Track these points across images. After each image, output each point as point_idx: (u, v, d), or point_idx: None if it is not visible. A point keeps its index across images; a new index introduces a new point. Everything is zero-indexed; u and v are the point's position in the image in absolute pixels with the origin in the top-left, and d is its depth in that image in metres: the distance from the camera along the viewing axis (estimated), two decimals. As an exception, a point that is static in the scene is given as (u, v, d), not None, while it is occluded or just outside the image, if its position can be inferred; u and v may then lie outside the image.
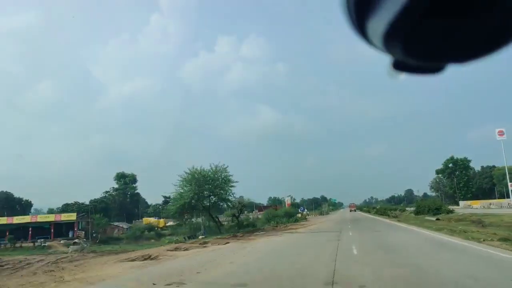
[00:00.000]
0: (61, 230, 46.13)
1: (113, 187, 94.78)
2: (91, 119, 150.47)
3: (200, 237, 31.57)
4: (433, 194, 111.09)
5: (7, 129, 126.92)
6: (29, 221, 47.68)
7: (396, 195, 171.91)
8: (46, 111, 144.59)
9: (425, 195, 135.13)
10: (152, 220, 67.50)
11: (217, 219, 40.87)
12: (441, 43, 0.86)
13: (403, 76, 1.02)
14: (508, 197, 63.20)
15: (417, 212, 45.15)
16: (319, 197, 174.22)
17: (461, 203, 75.07)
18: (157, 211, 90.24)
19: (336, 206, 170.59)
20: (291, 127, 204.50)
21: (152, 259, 16.03)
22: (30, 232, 44.41)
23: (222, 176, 37.51)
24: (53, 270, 14.79)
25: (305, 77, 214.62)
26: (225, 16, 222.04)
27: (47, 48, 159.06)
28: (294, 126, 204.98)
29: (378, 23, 0.83)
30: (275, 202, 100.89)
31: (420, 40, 0.87)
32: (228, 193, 38.43)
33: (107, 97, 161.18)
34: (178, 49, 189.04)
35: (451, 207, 47.97)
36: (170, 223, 57.10)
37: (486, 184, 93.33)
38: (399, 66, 0.99)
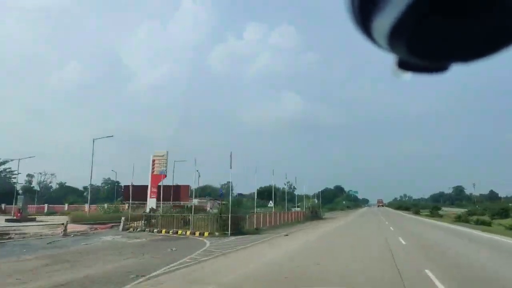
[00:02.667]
0: None
1: None
2: (116, 102, 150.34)
3: None
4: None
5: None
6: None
7: (445, 193, 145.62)
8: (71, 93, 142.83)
9: (492, 192, 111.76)
10: None
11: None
12: (445, 42, 0.87)
13: (408, 76, 1.03)
14: None
15: None
16: (332, 187, 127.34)
17: None
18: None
19: (357, 202, 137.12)
20: (319, 119, 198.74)
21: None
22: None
23: None
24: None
25: (336, 68, 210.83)
26: (257, 4, 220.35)
27: (77, 30, 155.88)
28: (322, 119, 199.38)
29: (383, 23, 0.84)
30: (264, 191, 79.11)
31: (424, 40, 0.87)
32: None
33: (134, 82, 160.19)
34: (207, 36, 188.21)
35: None
36: None
37: None
38: (403, 65, 1.00)
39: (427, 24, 0.81)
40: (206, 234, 21.49)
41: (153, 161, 36.18)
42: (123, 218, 26.36)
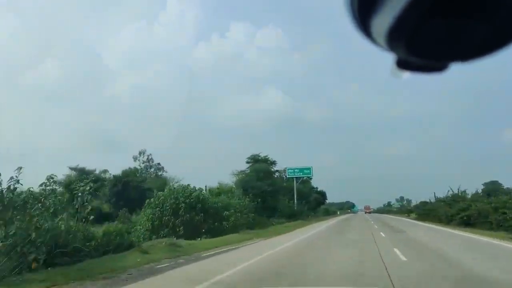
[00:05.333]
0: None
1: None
2: (95, 104, 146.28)
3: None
4: None
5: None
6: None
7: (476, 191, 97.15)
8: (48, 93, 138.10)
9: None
10: None
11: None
12: (444, 41, 0.87)
13: (406, 75, 1.03)
14: None
15: None
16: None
17: None
18: None
19: (328, 207, 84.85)
20: (304, 122, 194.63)
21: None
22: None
23: None
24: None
25: (323, 71, 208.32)
26: (243, 5, 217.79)
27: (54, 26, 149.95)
28: (307, 121, 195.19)
29: (382, 22, 0.84)
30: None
31: (423, 39, 0.88)
32: None
33: (114, 83, 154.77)
34: (193, 36, 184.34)
35: None
36: None
37: None
38: (402, 64, 0.99)
39: (426, 23, 0.81)
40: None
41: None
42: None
